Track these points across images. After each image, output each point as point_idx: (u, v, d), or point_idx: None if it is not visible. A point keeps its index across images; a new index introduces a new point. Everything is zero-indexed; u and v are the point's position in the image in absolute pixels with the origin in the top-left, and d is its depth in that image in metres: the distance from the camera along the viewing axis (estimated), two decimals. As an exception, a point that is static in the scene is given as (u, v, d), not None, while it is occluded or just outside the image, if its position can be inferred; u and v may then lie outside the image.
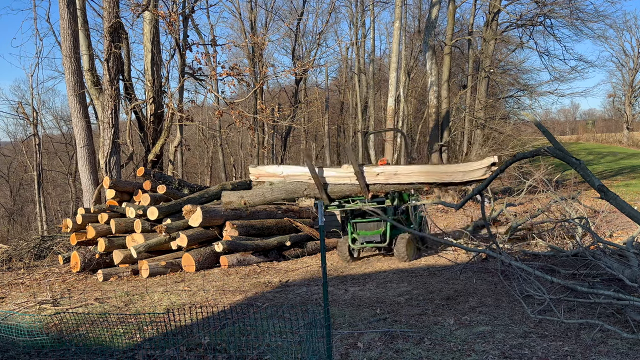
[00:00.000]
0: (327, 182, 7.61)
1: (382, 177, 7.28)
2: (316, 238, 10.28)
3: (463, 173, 6.69)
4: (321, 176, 7.57)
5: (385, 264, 8.56)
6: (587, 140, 49.92)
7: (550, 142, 5.55)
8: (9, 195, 31.49)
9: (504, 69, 24.19)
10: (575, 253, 6.83)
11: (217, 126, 26.18)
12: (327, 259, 8.50)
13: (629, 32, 54.15)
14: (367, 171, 7.33)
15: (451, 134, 22.06)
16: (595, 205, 11.16)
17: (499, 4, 20.53)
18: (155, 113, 12.83)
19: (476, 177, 6.60)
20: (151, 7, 11.81)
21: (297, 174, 7.75)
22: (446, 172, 6.90)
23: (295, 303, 6.11)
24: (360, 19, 27.15)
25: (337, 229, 10.97)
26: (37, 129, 21.20)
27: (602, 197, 5.00)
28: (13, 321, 5.36)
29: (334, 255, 9.44)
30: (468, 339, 4.50)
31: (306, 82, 28.24)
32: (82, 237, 9.34)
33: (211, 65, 14.77)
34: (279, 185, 7.85)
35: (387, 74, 23.99)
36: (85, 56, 12.10)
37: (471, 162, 6.87)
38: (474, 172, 6.62)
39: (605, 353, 4.02)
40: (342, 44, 28.99)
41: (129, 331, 5.03)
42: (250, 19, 23.04)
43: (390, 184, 7.28)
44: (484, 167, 6.56)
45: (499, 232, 10.08)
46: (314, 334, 4.10)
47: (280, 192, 7.85)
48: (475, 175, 6.62)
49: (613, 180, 20.64)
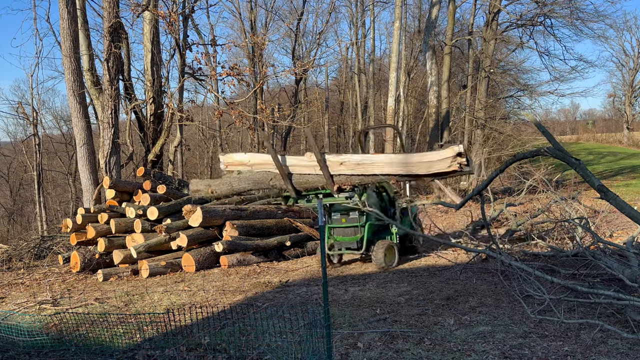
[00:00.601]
0: (292, 171, 7.01)
1: (345, 167, 6.59)
2: (316, 238, 10.27)
3: (428, 164, 6.04)
4: (285, 165, 6.97)
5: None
6: (587, 140, 49.93)
7: (550, 143, 5.55)
8: (9, 195, 31.49)
9: (504, 69, 24.19)
10: (575, 253, 6.83)
11: (217, 126, 26.17)
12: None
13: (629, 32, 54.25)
14: (330, 160, 6.67)
15: (451, 134, 22.06)
16: (595, 205, 11.16)
17: (499, 4, 20.53)
18: (155, 113, 12.83)
19: (442, 169, 5.94)
20: (151, 7, 11.81)
21: (262, 162, 7.19)
22: (410, 163, 6.28)
23: (295, 303, 6.11)
24: (360, 19, 27.17)
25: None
26: (37, 129, 21.21)
27: (602, 197, 5.00)
28: (13, 321, 5.36)
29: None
30: (468, 339, 4.50)
31: (306, 82, 28.24)
32: (82, 237, 9.34)
33: (211, 65, 14.78)
34: (247, 174, 7.35)
35: (387, 74, 23.99)
36: (85, 56, 12.10)
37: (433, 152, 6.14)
38: (437, 163, 5.97)
39: (605, 353, 4.02)
40: (342, 44, 29.02)
41: (129, 331, 5.03)
42: (250, 19, 23.04)
43: (356, 175, 6.62)
44: (446, 157, 5.85)
45: (499, 232, 10.08)
46: (314, 334, 4.10)
47: (248, 181, 7.33)
48: (440, 167, 5.95)
49: (613, 180, 20.64)
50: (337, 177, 6.71)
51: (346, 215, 7.98)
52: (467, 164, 5.80)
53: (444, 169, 5.90)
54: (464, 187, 20.02)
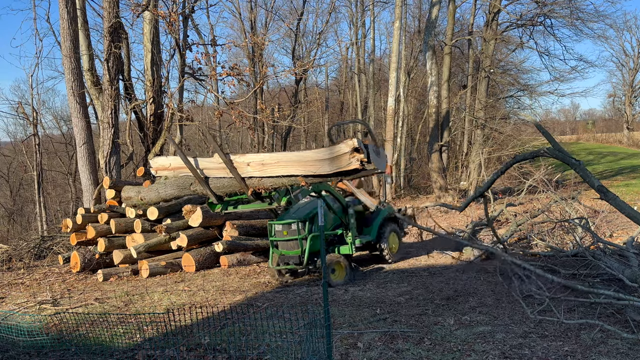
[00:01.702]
0: (207, 175, 6.41)
1: (252, 169, 6.01)
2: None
3: (328, 162, 5.48)
4: (198, 168, 6.41)
5: (386, 264, 8.57)
6: (587, 140, 49.92)
7: (550, 143, 5.56)
8: (9, 195, 31.48)
9: (504, 69, 24.16)
10: (575, 253, 6.83)
11: (217, 126, 26.16)
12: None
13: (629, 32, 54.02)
14: (237, 161, 6.09)
15: (451, 134, 22.08)
16: (595, 205, 11.15)
17: (499, 4, 20.52)
18: (155, 113, 12.82)
19: (343, 167, 5.35)
20: (151, 7, 11.79)
21: (182, 167, 6.61)
22: (309, 161, 5.67)
23: (295, 303, 6.11)
24: (360, 19, 27.15)
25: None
26: (37, 129, 21.19)
27: (601, 198, 5.00)
28: (13, 321, 5.36)
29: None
30: (468, 339, 4.50)
31: (306, 82, 28.22)
32: (82, 237, 9.34)
33: (211, 65, 14.77)
34: (172, 179, 6.84)
35: (387, 74, 23.98)
36: (85, 56, 12.09)
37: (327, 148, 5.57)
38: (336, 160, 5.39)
39: (605, 353, 4.02)
40: (342, 44, 29.00)
41: (129, 331, 5.03)
42: (250, 19, 23.04)
43: (267, 178, 6.01)
44: (342, 153, 5.28)
45: (499, 232, 10.08)
46: (314, 334, 4.10)
47: (173, 187, 6.81)
48: (340, 165, 5.37)
49: (613, 181, 20.64)
50: (249, 180, 6.07)
51: (288, 226, 7.23)
52: (368, 161, 5.20)
53: (344, 166, 5.35)
54: (464, 187, 20.02)
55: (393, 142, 19.49)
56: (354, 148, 5.23)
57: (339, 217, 7.61)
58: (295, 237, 7.12)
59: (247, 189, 6.03)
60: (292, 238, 7.17)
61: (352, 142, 5.28)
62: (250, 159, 6.03)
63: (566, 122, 69.35)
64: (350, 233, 7.62)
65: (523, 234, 9.49)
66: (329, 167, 5.47)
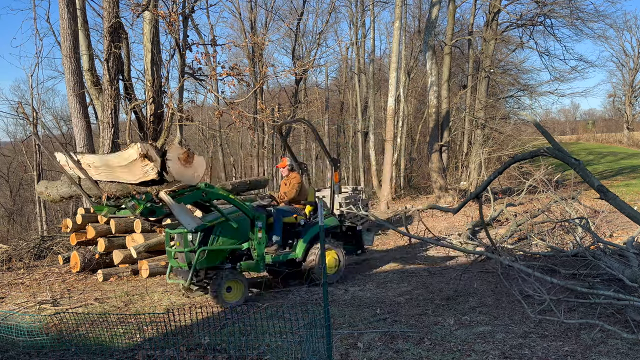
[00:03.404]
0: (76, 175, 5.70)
1: (94, 171, 5.25)
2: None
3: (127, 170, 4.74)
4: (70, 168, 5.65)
5: (386, 264, 8.57)
6: (587, 140, 49.94)
7: (550, 143, 5.56)
8: (9, 195, 31.49)
9: (504, 69, 24.17)
10: (575, 253, 6.83)
11: (217, 126, 26.17)
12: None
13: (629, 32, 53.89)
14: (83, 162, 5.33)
15: (451, 134, 22.06)
16: (595, 205, 11.15)
17: (499, 4, 20.52)
18: (155, 113, 12.81)
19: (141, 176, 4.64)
20: (151, 7, 11.78)
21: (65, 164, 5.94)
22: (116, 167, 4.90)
23: (295, 303, 6.11)
24: (360, 19, 27.14)
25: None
26: (37, 129, 21.18)
27: (601, 198, 5.00)
28: (13, 321, 5.35)
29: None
30: (468, 339, 4.50)
31: (306, 82, 28.23)
32: (82, 237, 9.33)
33: (211, 65, 14.76)
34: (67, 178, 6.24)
35: (387, 74, 23.98)
36: (85, 56, 12.09)
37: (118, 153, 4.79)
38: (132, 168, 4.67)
39: (605, 353, 4.02)
40: (342, 44, 28.99)
41: (129, 331, 5.03)
42: (250, 19, 23.05)
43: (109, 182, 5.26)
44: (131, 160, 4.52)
45: (500, 232, 10.08)
46: (314, 334, 4.10)
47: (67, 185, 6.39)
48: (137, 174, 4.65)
49: (613, 180, 20.64)
50: (102, 184, 5.38)
51: (180, 236, 6.44)
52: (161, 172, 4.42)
53: (142, 176, 4.60)
54: (464, 187, 20.02)
55: (393, 142, 19.48)
56: (143, 154, 4.44)
57: (241, 230, 6.48)
58: (182, 250, 6.28)
59: (101, 192, 5.36)
60: (180, 250, 6.35)
61: (142, 147, 4.47)
62: (89, 160, 5.25)
63: (566, 122, 69.40)
64: (257, 250, 6.55)
65: (523, 234, 9.50)
66: (131, 176, 4.73)
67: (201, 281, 6.42)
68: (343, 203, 12.08)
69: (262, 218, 6.66)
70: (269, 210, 6.97)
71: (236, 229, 6.38)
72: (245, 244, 6.55)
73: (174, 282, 6.71)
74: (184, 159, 4.58)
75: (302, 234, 7.11)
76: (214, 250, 6.25)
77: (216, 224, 6.29)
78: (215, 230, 6.29)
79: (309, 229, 7.13)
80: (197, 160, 4.79)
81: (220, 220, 6.27)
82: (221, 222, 6.30)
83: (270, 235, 6.90)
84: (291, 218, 7.21)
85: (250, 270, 6.74)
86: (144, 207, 5.17)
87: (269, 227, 6.90)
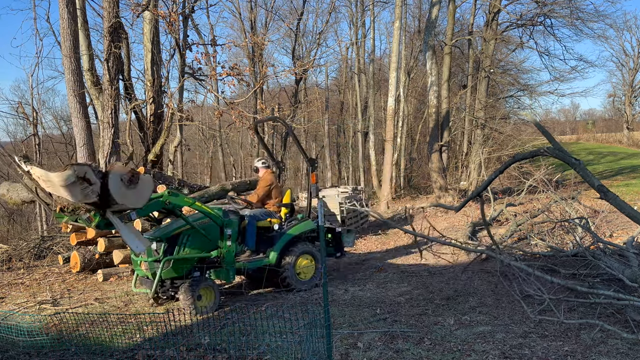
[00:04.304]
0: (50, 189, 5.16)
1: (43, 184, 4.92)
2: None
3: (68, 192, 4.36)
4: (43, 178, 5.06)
5: (386, 264, 8.57)
6: (587, 140, 49.94)
7: (550, 143, 5.56)
8: (9, 195, 31.46)
9: (504, 69, 24.17)
10: (575, 253, 6.83)
11: (217, 126, 26.17)
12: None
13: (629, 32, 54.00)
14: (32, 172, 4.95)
15: (451, 134, 22.06)
16: (595, 205, 11.15)
17: (499, 4, 20.52)
18: (155, 113, 12.82)
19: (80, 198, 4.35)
20: (151, 7, 11.79)
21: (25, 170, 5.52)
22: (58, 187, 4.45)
23: (295, 303, 6.11)
24: (360, 19, 27.15)
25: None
26: (37, 129, 21.18)
27: (601, 198, 5.00)
28: (13, 321, 5.35)
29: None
30: (468, 339, 4.50)
31: (306, 82, 28.22)
32: (82, 237, 9.33)
33: (211, 65, 14.77)
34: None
35: (387, 74, 23.99)
36: (85, 56, 12.08)
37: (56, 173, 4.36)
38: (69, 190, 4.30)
39: (605, 353, 4.02)
40: (342, 44, 28.99)
41: (129, 331, 5.03)
42: (250, 19, 23.04)
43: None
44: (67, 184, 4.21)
45: (500, 232, 10.08)
46: (314, 334, 4.10)
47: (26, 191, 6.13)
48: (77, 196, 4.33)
49: (613, 180, 20.64)
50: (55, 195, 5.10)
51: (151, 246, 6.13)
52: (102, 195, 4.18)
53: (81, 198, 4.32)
54: (464, 187, 20.02)
55: (393, 142, 19.49)
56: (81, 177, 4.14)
57: (210, 238, 6.27)
58: (145, 259, 6.04)
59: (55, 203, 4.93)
60: (143, 259, 6.09)
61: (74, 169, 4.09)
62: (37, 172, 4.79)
63: (566, 122, 69.39)
64: (226, 258, 6.30)
65: (523, 234, 9.50)
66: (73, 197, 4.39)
67: (167, 291, 6.23)
68: (344, 202, 12.07)
69: (233, 224, 6.41)
70: (242, 215, 6.75)
71: (203, 237, 6.17)
72: (214, 252, 6.32)
73: (140, 291, 6.42)
74: (128, 179, 4.32)
75: (275, 239, 6.85)
76: (179, 260, 6.00)
77: (182, 232, 6.06)
78: (181, 238, 6.08)
79: (283, 234, 6.89)
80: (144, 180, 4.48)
81: (184, 229, 6.06)
82: (187, 230, 6.09)
83: (244, 241, 6.68)
84: (265, 222, 6.97)
85: (221, 279, 6.57)
86: (99, 220, 4.95)
87: (242, 232, 6.68)
